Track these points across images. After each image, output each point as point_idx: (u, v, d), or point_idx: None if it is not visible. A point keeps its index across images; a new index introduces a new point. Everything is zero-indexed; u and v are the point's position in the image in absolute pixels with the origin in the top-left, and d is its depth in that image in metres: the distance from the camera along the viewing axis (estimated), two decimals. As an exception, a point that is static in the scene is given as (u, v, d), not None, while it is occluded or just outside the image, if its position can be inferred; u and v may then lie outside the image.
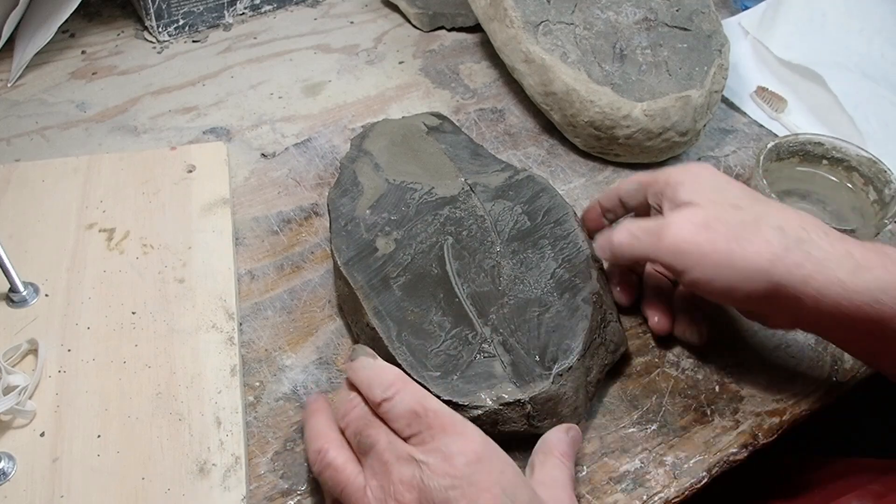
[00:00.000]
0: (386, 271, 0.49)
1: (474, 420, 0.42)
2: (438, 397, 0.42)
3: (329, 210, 0.53)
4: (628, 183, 0.51)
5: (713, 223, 0.43)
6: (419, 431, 0.37)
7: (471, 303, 0.47)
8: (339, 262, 0.49)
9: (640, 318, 0.53)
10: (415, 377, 0.43)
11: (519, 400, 0.43)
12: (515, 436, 0.43)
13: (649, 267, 0.53)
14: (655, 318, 0.51)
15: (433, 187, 0.54)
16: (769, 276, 0.42)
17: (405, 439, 0.38)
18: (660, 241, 0.44)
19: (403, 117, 0.62)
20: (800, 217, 0.43)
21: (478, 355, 0.45)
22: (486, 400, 0.42)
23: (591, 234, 0.52)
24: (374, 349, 0.43)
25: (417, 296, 0.47)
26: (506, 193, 0.53)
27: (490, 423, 0.43)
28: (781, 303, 0.43)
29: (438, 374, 0.44)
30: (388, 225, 0.51)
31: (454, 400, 0.42)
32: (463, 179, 0.54)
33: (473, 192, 0.53)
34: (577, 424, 0.45)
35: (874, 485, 0.48)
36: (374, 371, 0.40)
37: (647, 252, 0.46)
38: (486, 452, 0.37)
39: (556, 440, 0.42)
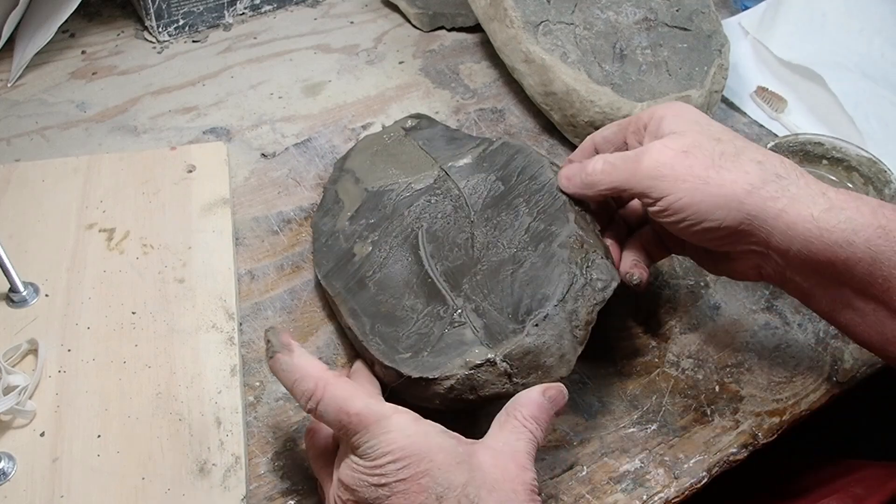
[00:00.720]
0: (362, 273, 0.49)
1: (448, 391, 0.41)
2: (409, 377, 0.41)
3: (313, 232, 0.54)
4: (605, 128, 0.50)
5: (693, 150, 0.43)
6: (347, 437, 0.37)
7: (444, 279, 0.46)
8: (319, 276, 0.50)
9: (640, 318, 0.53)
10: (387, 364, 0.43)
11: (489, 359, 0.41)
12: (501, 398, 0.41)
13: (620, 213, 0.52)
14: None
15: (410, 183, 0.53)
16: (743, 206, 0.41)
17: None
18: (637, 165, 0.43)
19: (383, 127, 0.62)
20: (779, 158, 0.43)
21: (448, 328, 0.44)
22: (454, 368, 0.41)
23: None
24: (355, 348, 0.43)
25: (391, 286, 0.47)
26: (480, 166, 0.52)
27: (468, 390, 0.41)
28: (751, 239, 0.42)
29: (409, 354, 0.43)
30: (365, 230, 0.51)
31: (423, 375, 0.41)
32: (438, 166, 0.54)
33: (448, 175, 0.52)
34: (566, 374, 0.42)
35: (857, 487, 0.48)
36: (293, 375, 0.38)
37: (623, 180, 0.44)
38: (411, 446, 0.36)
39: (525, 400, 0.40)
